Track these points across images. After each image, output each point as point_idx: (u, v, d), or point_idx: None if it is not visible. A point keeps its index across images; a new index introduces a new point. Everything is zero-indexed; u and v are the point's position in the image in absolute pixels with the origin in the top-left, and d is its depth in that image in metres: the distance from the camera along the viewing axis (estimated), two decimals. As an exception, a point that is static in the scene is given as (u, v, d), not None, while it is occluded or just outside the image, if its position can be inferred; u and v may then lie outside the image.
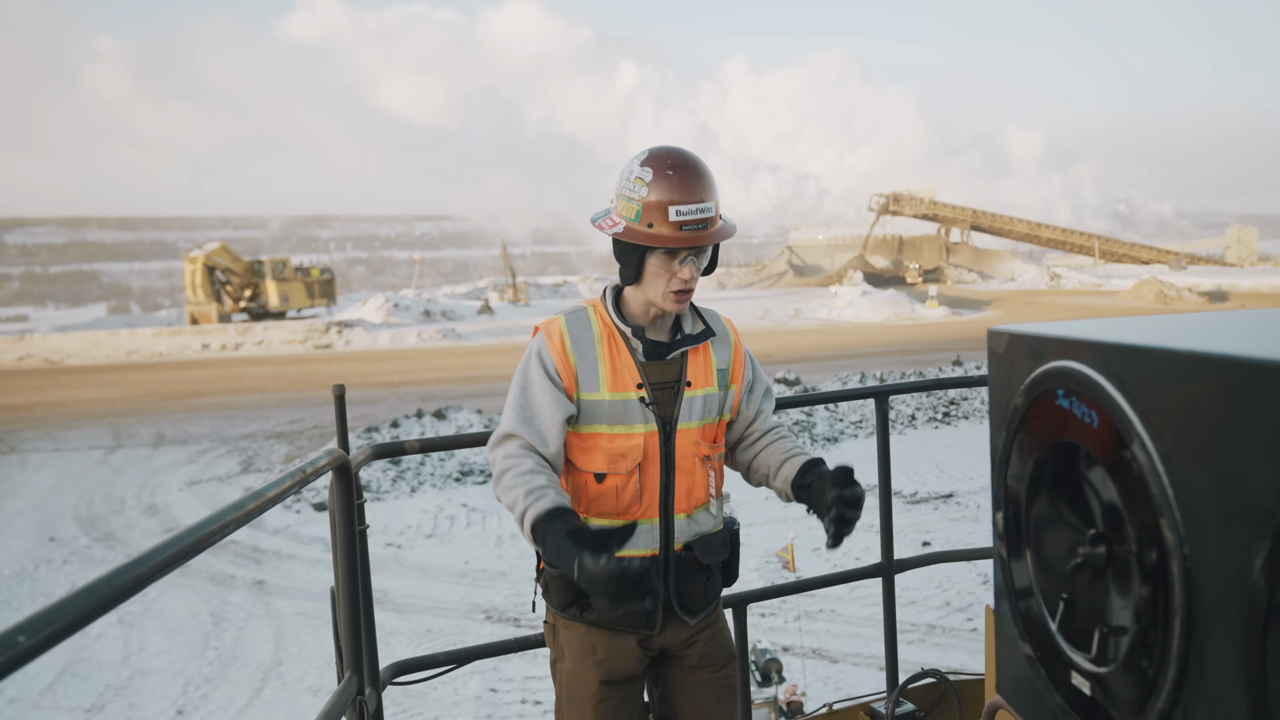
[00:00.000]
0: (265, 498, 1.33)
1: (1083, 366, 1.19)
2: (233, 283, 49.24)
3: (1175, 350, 1.03)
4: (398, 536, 14.35)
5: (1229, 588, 0.93)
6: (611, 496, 2.01)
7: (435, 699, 9.25)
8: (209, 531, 1.08)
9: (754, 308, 52.98)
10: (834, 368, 26.42)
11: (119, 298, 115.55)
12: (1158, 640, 1.03)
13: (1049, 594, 1.28)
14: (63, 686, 9.63)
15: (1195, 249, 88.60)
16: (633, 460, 2.00)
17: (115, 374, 34.02)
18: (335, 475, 1.97)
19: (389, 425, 19.88)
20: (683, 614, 2.09)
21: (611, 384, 2.00)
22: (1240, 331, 1.17)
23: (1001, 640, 1.39)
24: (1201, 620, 0.98)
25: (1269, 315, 1.28)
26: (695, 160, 1.98)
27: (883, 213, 75.28)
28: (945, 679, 2.43)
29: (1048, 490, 1.29)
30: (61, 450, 20.15)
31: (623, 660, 2.07)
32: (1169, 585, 1.01)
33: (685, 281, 1.98)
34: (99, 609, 0.82)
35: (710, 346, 2.13)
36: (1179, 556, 0.99)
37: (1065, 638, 1.23)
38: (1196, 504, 0.99)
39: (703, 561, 2.07)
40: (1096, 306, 47.56)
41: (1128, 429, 1.08)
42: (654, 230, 1.93)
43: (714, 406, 2.10)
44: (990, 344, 1.45)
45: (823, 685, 9.74)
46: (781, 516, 14.78)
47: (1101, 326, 1.29)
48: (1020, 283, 67.93)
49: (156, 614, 11.47)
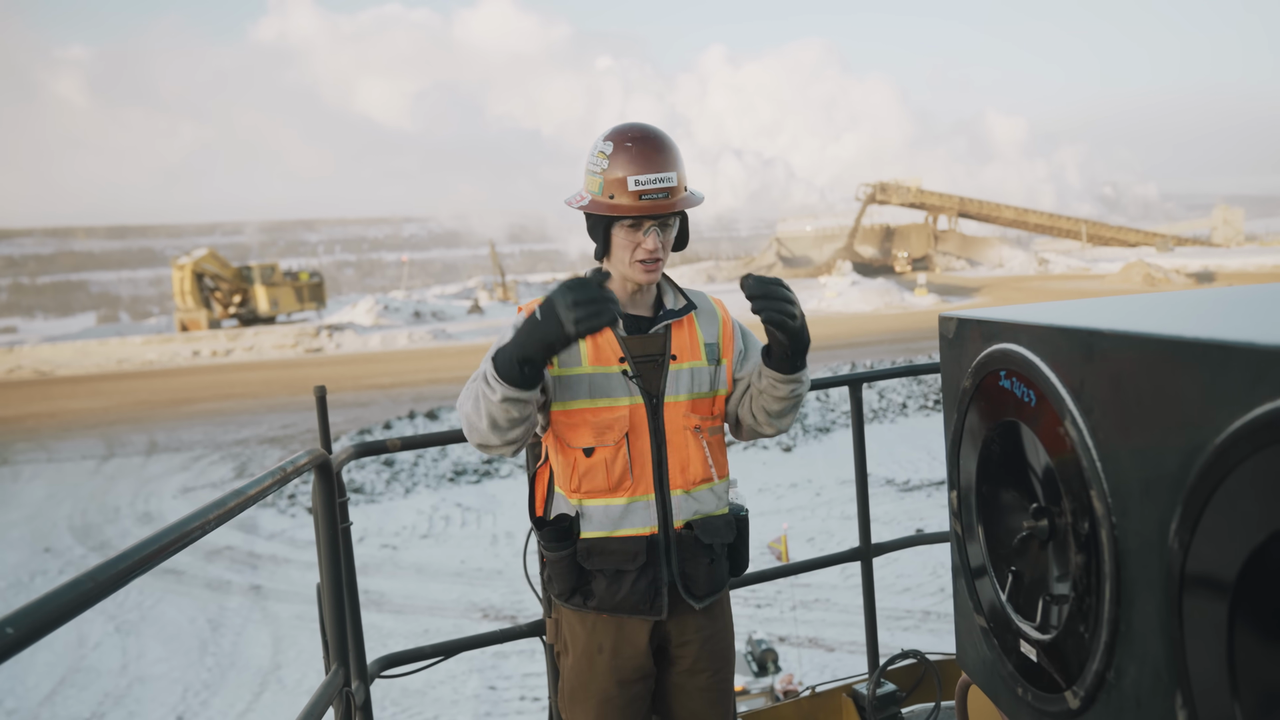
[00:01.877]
0: (245, 496, 1.36)
1: (1020, 348, 1.24)
2: (222, 289, 49.11)
3: (1099, 330, 1.07)
4: (393, 538, 14.39)
5: (1151, 554, 0.98)
6: (601, 470, 2.00)
7: (435, 698, 9.30)
8: (190, 529, 1.11)
9: (743, 300, 52.82)
10: (825, 358, 26.50)
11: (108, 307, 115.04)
12: (1092, 606, 1.09)
13: (999, 568, 1.33)
14: (62, 696, 9.65)
15: (1182, 231, 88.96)
16: (619, 431, 2.00)
17: (106, 383, 33.91)
18: (317, 474, 1.98)
19: (381, 427, 19.90)
20: (688, 597, 2.05)
21: (593, 357, 2.01)
22: (1165, 311, 1.22)
23: (960, 615, 1.45)
24: (1128, 585, 1.03)
25: (1204, 295, 1.33)
26: (657, 133, 2.02)
27: (870, 202, 75.37)
28: (925, 659, 2.47)
29: (995, 469, 1.33)
30: (54, 461, 20.11)
31: (632, 656, 2.05)
32: (1100, 553, 1.07)
33: (650, 252, 1.99)
34: (83, 603, 0.85)
35: (695, 321, 2.14)
36: (1107, 525, 1.05)
37: (1014, 608, 1.28)
38: (1122, 476, 1.04)
39: (704, 541, 2.04)
40: (1085, 290, 47.72)
41: (1060, 406, 1.14)
42: (615, 201, 1.97)
43: (704, 380, 2.10)
44: (941, 329, 1.50)
45: (819, 674, 9.81)
46: (775, 508, 14.86)
47: (1039, 310, 1.34)
48: (1008, 268, 68.17)
49: (154, 621, 11.50)
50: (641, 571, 2.01)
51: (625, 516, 2.01)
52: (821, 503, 14.98)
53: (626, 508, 2.01)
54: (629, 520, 2.01)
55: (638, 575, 2.01)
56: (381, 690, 9.05)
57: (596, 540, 2.02)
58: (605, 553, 2.01)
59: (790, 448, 18.30)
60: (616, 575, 2.02)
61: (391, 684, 9.23)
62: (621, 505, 2.01)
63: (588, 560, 2.02)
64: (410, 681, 9.26)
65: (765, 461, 17.58)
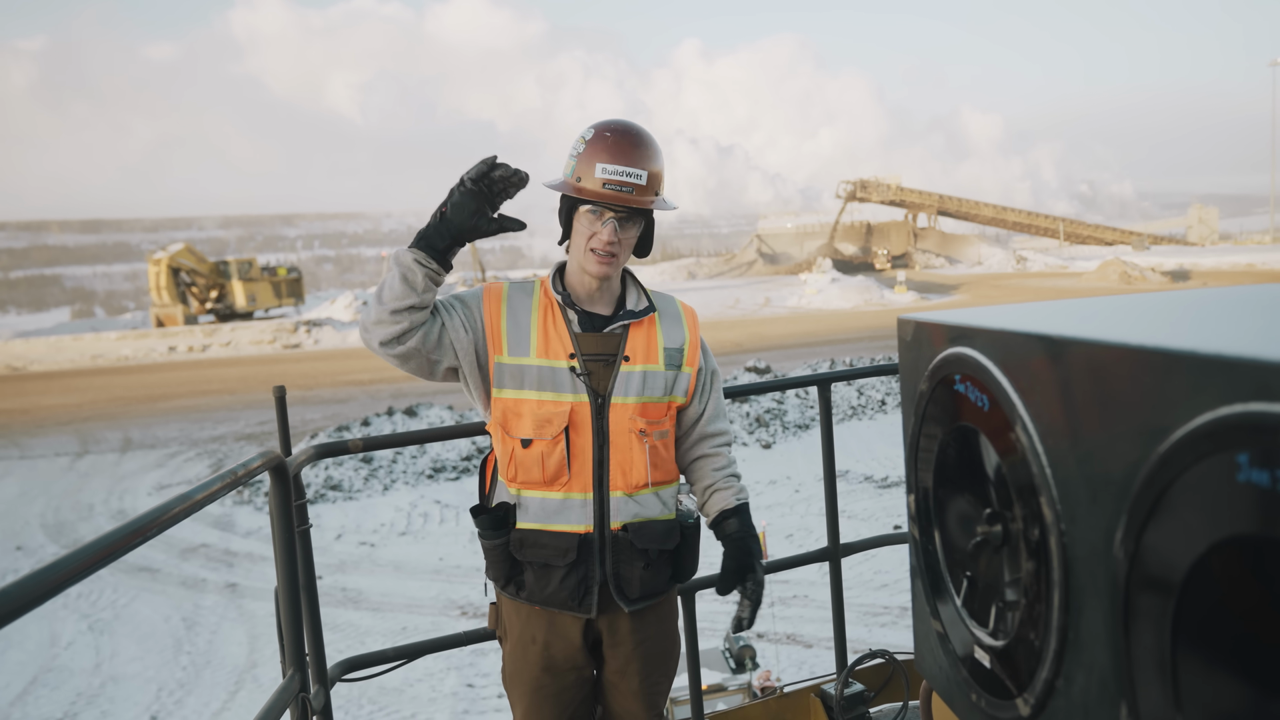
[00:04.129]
0: (192, 500, 1.33)
1: (974, 352, 1.24)
2: (198, 284, 48.61)
3: (1048, 335, 1.08)
4: (371, 535, 14.30)
5: (1098, 562, 0.98)
6: (537, 463, 1.99)
7: (412, 696, 9.26)
8: (129, 533, 1.09)
9: (724, 297, 53.10)
10: (805, 355, 26.58)
11: (83, 301, 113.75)
12: (1042, 613, 1.09)
13: (955, 573, 1.33)
14: (33, 696, 9.53)
15: (1158, 229, 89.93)
16: (558, 426, 1.98)
17: (80, 379, 33.53)
18: (272, 476, 1.94)
19: (360, 424, 19.79)
20: (619, 599, 2.05)
21: (542, 350, 2.00)
22: (1120, 316, 1.22)
23: (918, 619, 1.46)
24: (1077, 592, 1.03)
25: (1163, 299, 1.34)
26: (639, 131, 2.02)
27: (850, 199, 75.64)
28: (894, 659, 2.49)
29: (951, 473, 1.33)
30: (27, 458, 19.86)
31: (563, 648, 2.06)
32: (1049, 560, 1.07)
33: (605, 243, 1.98)
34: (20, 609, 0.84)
35: (657, 323, 2.11)
36: (1056, 532, 1.05)
37: (969, 614, 1.29)
38: (1070, 482, 1.05)
39: (639, 545, 2.03)
40: (1062, 288, 48.13)
41: (1012, 411, 1.14)
42: (581, 185, 1.98)
43: (658, 385, 2.07)
44: (899, 332, 1.49)
45: (798, 670, 9.84)
46: (754, 505, 14.87)
47: (994, 313, 1.34)
48: (987, 266, 68.60)
49: (128, 620, 11.37)
50: (571, 569, 2.01)
51: (560, 511, 2.01)
52: (801, 499, 15.04)
53: (562, 503, 2.01)
54: (564, 516, 2.01)
55: (567, 572, 2.01)
56: (359, 689, 9.01)
57: (530, 532, 2.02)
58: (537, 545, 2.01)
59: (770, 444, 18.34)
60: (545, 569, 2.02)
61: (369, 682, 9.20)
62: (558, 499, 2.01)
63: (519, 551, 2.02)
64: (388, 679, 9.22)
65: (745, 458, 17.61)
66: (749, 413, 19.43)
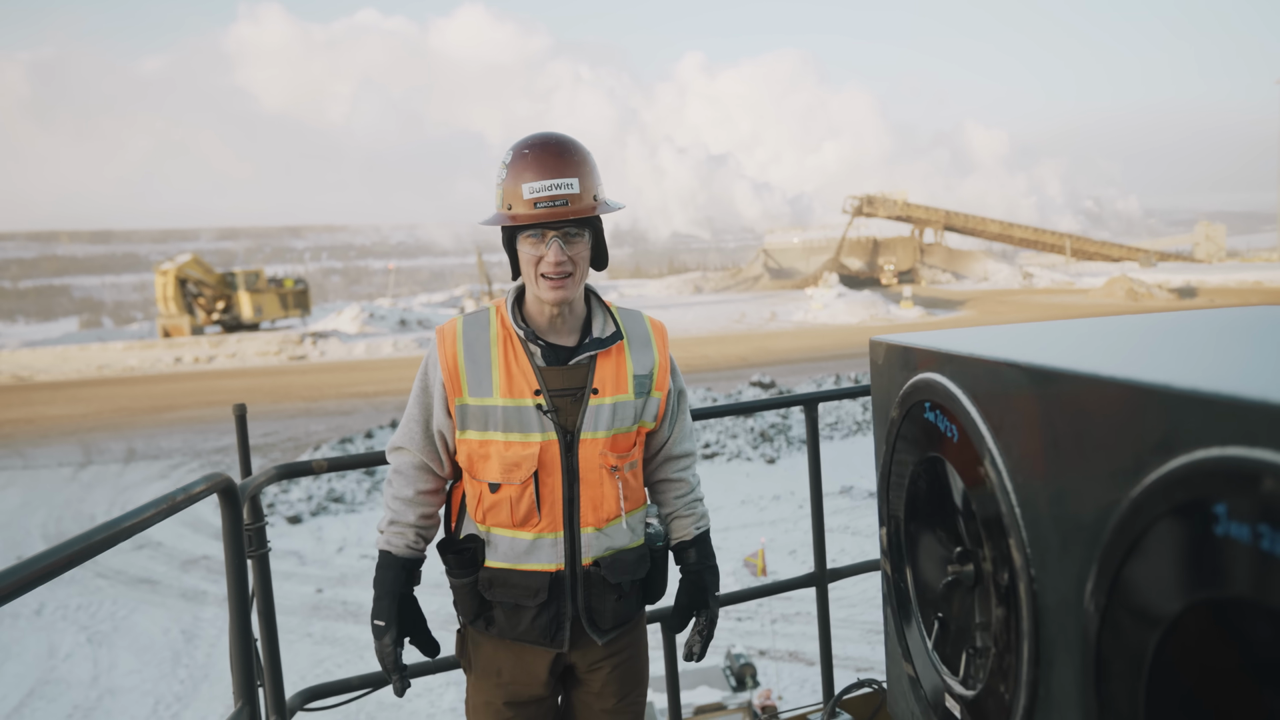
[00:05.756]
0: (120, 528, 1.27)
1: (944, 379, 1.15)
2: (205, 295, 48.74)
3: (1018, 364, 0.98)
4: (371, 549, 14.25)
5: (1068, 614, 0.89)
6: (506, 507, 1.93)
7: (411, 711, 9.20)
8: (50, 563, 1.05)
9: (730, 311, 53.05)
10: (810, 370, 26.50)
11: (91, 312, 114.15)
12: (1012, 664, 0.99)
13: (926, 612, 1.23)
14: (30, 709, 9.49)
15: (1165, 246, 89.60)
16: (527, 470, 1.91)
17: (86, 389, 33.59)
18: (221, 500, 1.85)
19: (364, 435, 19.76)
20: (592, 632, 1.99)
21: (506, 389, 1.92)
22: (1099, 343, 1.12)
23: (890, 660, 1.37)
24: (1047, 645, 0.94)
25: (1151, 323, 1.23)
26: (558, 140, 1.92)
27: (857, 215, 75.63)
28: (882, 688, 2.43)
29: (923, 506, 1.24)
30: (30, 468, 19.87)
31: (527, 683, 2.01)
32: (1018, 608, 0.97)
33: (554, 266, 1.87)
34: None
35: (626, 350, 2.01)
36: (1026, 578, 0.95)
37: (941, 658, 1.19)
38: (1040, 523, 0.95)
39: (610, 580, 1.96)
40: (1069, 305, 47.98)
41: (981, 444, 1.04)
42: (513, 212, 1.88)
43: (628, 415, 1.98)
44: (871, 355, 1.41)
45: (799, 688, 9.75)
46: (758, 520, 14.81)
47: (967, 337, 1.24)
48: (993, 282, 68.45)
49: (127, 632, 11.33)
50: (542, 608, 1.95)
51: (531, 552, 1.94)
52: (804, 515, 14.94)
53: (533, 543, 1.94)
54: (535, 555, 1.94)
55: (538, 611, 1.95)
56: (357, 705, 8.95)
57: (499, 571, 1.96)
58: (507, 585, 1.95)
59: (774, 460, 18.27)
60: (516, 609, 1.96)
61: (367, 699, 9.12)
62: (528, 540, 1.94)
63: (489, 591, 1.96)
64: (384, 694, 9.16)
65: (749, 473, 17.55)
66: (753, 427, 19.38)
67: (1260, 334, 1.06)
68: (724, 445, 18.84)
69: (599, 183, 1.96)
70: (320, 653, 10.74)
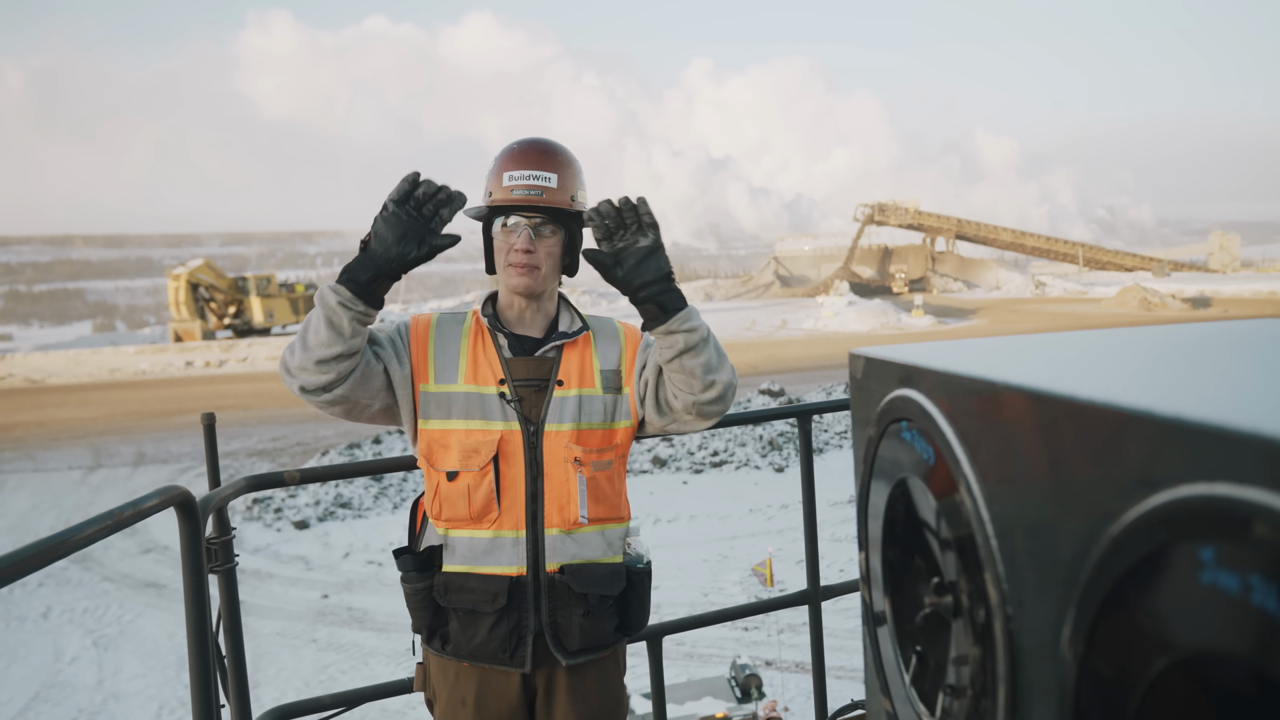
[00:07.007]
0: (66, 542, 1.22)
1: (920, 396, 1.08)
2: (217, 299, 48.95)
3: (992, 381, 0.91)
4: (379, 554, 14.25)
5: (1046, 660, 0.82)
6: (463, 498, 1.85)
7: (415, 718, 9.17)
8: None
9: (741, 319, 52.96)
10: (819, 378, 26.41)
11: (104, 315, 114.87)
12: (989, 709, 0.92)
13: (905, 645, 1.16)
14: (35, 712, 9.51)
15: (1178, 255, 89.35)
16: (485, 455, 1.86)
17: (97, 393, 33.77)
18: (178, 514, 1.76)
19: (371, 441, 19.78)
20: (556, 651, 1.86)
21: (470, 376, 1.91)
22: (1085, 356, 1.04)
23: (869, 691, 1.30)
24: (1024, 692, 0.86)
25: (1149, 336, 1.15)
26: (546, 141, 1.98)
27: (868, 223, 75.52)
28: (881, 708, 2.40)
29: (901, 532, 1.17)
30: (40, 470, 19.97)
31: (496, 710, 1.90)
32: (994, 649, 0.90)
33: (522, 252, 1.89)
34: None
35: (593, 344, 2.00)
36: (1002, 617, 0.88)
37: (918, 694, 1.11)
38: (1017, 558, 0.87)
39: (577, 590, 1.86)
40: (1081, 314, 47.75)
41: (956, 468, 0.97)
42: (491, 198, 1.94)
43: (595, 410, 1.94)
44: (850, 368, 1.33)
45: (806, 700, 9.68)
46: (766, 529, 14.75)
47: (947, 350, 1.16)
48: (1005, 291, 68.22)
49: (132, 636, 11.35)
50: (501, 616, 1.84)
51: (490, 552, 1.86)
52: (810, 525, 14.84)
53: (492, 542, 1.86)
54: (494, 557, 1.86)
55: (496, 619, 1.84)
56: (359, 713, 8.94)
57: (456, 575, 1.87)
58: (463, 590, 1.86)
59: (783, 468, 18.20)
60: (471, 617, 1.86)
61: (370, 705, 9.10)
62: (487, 539, 1.86)
63: (444, 597, 1.88)
64: (390, 703, 9.13)
65: (757, 482, 17.48)
66: (761, 435, 19.31)
67: (1267, 352, 0.98)
68: (732, 453, 18.78)
69: (580, 186, 1.99)
70: (325, 659, 10.73)
